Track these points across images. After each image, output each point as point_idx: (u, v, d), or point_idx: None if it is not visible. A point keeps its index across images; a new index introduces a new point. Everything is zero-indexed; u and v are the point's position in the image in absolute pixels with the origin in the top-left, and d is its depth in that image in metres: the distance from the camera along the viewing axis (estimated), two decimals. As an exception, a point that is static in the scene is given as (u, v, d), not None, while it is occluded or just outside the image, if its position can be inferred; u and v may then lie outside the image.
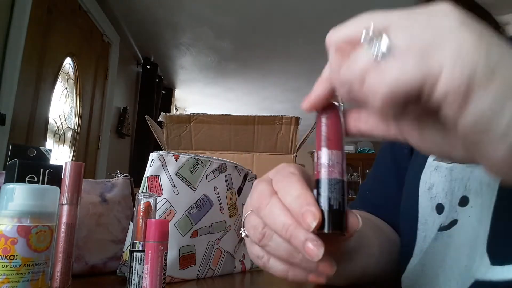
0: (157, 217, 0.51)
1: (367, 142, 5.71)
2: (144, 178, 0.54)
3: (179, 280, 0.53)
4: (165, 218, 0.52)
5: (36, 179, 0.44)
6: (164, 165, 0.55)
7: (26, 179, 0.43)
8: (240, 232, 0.29)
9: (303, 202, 0.23)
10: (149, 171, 0.54)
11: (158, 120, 0.97)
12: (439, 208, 0.37)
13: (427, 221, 0.38)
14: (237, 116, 0.98)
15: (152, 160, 0.55)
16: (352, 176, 5.65)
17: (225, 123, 0.97)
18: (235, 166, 0.62)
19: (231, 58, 3.08)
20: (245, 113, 0.99)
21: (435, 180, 0.39)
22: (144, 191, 0.53)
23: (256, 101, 4.06)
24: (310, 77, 3.45)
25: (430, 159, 0.40)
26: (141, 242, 0.42)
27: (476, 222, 0.32)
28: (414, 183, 0.41)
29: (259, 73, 3.38)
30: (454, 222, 0.35)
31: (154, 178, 0.54)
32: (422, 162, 0.41)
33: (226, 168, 0.61)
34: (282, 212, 0.24)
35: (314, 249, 0.22)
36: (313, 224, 0.22)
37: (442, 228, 0.36)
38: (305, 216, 0.22)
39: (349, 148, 5.62)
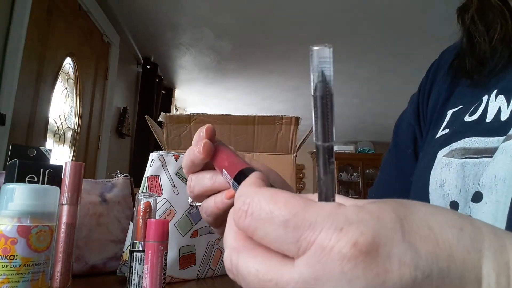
0: (157, 217, 0.51)
1: (367, 142, 5.71)
2: (144, 178, 0.54)
3: (179, 280, 0.53)
4: (165, 218, 0.52)
5: (36, 179, 0.44)
6: (164, 165, 0.55)
7: (26, 179, 0.43)
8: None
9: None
10: (149, 171, 0.54)
11: (158, 120, 0.97)
12: (454, 206, 0.36)
13: None
14: (237, 116, 0.98)
15: (152, 160, 0.55)
16: (352, 176, 5.65)
17: (225, 123, 0.97)
18: None
19: (231, 58, 3.08)
20: (245, 113, 0.99)
21: (446, 177, 0.37)
22: (144, 191, 0.53)
23: (256, 101, 4.06)
24: (310, 77, 3.44)
25: (440, 156, 0.39)
26: (141, 242, 0.42)
27: (491, 219, 0.31)
28: (423, 181, 0.40)
29: (259, 73, 3.38)
30: None
31: (154, 178, 0.54)
32: (431, 159, 0.40)
33: None
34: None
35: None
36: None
37: None
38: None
39: (349, 148, 5.63)
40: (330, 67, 0.18)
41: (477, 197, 0.33)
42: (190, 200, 0.36)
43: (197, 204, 0.35)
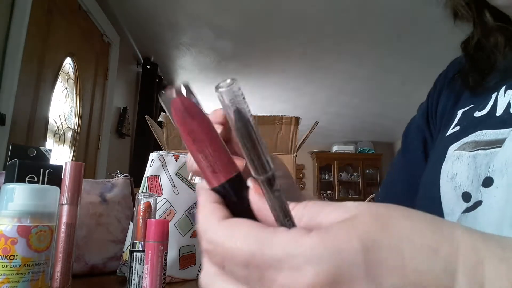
0: (157, 217, 0.51)
1: (367, 142, 5.71)
2: (144, 178, 0.54)
3: (179, 280, 0.53)
4: (165, 218, 0.52)
5: (36, 179, 0.44)
6: (164, 165, 0.55)
7: (26, 179, 0.43)
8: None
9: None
10: (149, 171, 0.54)
11: (158, 120, 0.97)
12: (466, 197, 0.35)
13: (454, 210, 0.36)
14: (237, 116, 0.98)
15: (152, 160, 0.55)
16: (352, 176, 5.65)
17: (225, 123, 0.97)
18: None
19: (231, 58, 3.08)
20: (245, 113, 0.99)
21: (458, 169, 0.37)
22: (144, 191, 0.53)
23: (256, 101, 4.06)
24: (310, 77, 3.45)
25: (451, 150, 0.39)
26: (141, 242, 0.42)
27: (502, 202, 0.31)
28: (434, 175, 0.40)
29: (259, 73, 3.38)
30: (478, 203, 0.33)
31: (154, 178, 0.54)
32: (442, 154, 0.40)
33: None
34: None
35: None
36: None
37: (466, 210, 0.34)
38: None
39: (349, 148, 5.63)
40: (244, 101, 0.18)
41: (487, 182, 0.33)
42: (190, 176, 0.34)
43: (198, 181, 0.33)
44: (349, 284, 0.16)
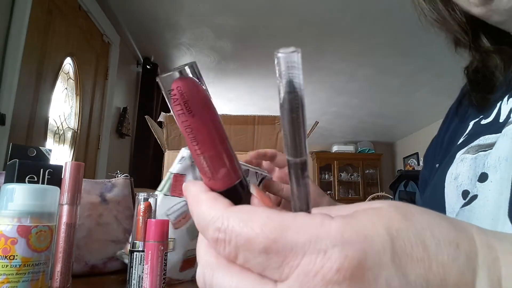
0: (172, 220, 0.49)
1: (367, 142, 5.71)
2: (169, 173, 0.51)
3: (177, 282, 0.53)
4: (179, 220, 0.51)
5: (36, 179, 0.44)
6: (193, 165, 0.50)
7: (26, 179, 0.43)
8: None
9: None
10: (176, 167, 0.50)
11: (158, 120, 0.97)
12: (465, 194, 0.38)
13: (454, 208, 0.39)
14: (237, 116, 0.98)
15: (183, 157, 0.51)
16: (352, 176, 5.65)
17: (225, 123, 0.97)
18: (256, 172, 0.56)
19: (231, 58, 3.08)
20: (245, 113, 0.99)
21: (461, 170, 0.40)
22: (165, 186, 0.50)
23: (256, 101, 4.06)
24: (310, 77, 3.45)
25: (458, 155, 0.42)
26: (141, 242, 0.42)
27: (497, 194, 0.33)
28: (441, 176, 0.43)
29: (259, 72, 3.37)
30: (474, 197, 0.36)
31: (180, 176, 0.50)
32: (450, 159, 0.43)
33: (248, 175, 0.55)
34: None
35: None
36: None
37: (463, 205, 0.37)
38: None
39: (349, 148, 5.63)
40: (300, 74, 0.17)
41: (483, 177, 0.36)
42: None
43: None
44: (374, 270, 0.16)
